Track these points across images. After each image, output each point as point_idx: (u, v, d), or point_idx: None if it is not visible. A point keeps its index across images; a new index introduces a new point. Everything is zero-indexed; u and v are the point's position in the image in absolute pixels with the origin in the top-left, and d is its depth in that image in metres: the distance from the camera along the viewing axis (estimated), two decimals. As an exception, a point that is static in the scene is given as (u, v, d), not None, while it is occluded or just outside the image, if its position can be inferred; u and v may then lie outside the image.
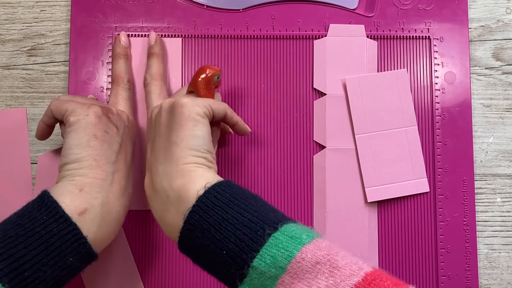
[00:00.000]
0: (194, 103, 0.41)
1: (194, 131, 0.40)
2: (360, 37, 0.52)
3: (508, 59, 0.53)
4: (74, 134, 0.42)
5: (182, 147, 0.39)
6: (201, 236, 0.35)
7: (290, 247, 0.33)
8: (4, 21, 0.54)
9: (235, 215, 0.35)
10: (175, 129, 0.40)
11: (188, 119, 0.40)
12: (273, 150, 0.51)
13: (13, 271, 0.35)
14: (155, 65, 0.49)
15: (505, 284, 0.51)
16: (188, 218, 0.36)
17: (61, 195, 0.39)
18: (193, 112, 0.40)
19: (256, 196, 0.38)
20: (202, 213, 0.36)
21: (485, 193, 0.52)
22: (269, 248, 0.33)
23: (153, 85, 0.47)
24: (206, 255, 0.36)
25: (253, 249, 0.33)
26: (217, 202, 0.36)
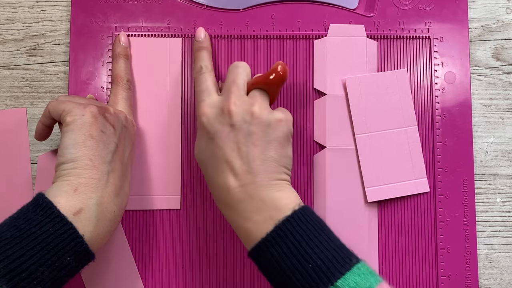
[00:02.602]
0: (289, 122, 0.43)
1: (288, 151, 0.43)
2: (360, 37, 0.52)
3: (508, 59, 0.53)
4: (71, 134, 0.42)
5: (280, 164, 0.42)
6: (290, 244, 0.38)
7: (371, 280, 0.37)
8: (4, 21, 0.54)
9: (325, 238, 0.39)
10: (273, 146, 0.42)
11: (285, 139, 0.43)
12: (273, 150, 0.51)
13: (11, 272, 0.35)
14: (208, 58, 0.48)
15: (505, 284, 0.51)
16: (282, 224, 0.39)
17: (56, 195, 0.39)
18: (289, 132, 0.43)
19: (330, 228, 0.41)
20: (296, 225, 0.39)
21: (485, 193, 0.52)
22: (353, 275, 0.37)
23: (209, 75, 0.46)
24: (287, 263, 0.38)
25: (339, 271, 0.37)
26: (310, 220, 0.39)
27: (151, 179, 0.51)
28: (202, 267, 0.50)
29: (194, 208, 0.51)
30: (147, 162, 0.51)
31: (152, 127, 0.51)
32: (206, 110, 0.43)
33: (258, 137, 0.42)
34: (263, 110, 0.42)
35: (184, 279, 0.50)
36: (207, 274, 0.50)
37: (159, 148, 0.51)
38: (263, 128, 0.42)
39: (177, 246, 0.50)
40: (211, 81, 0.46)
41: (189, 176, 0.51)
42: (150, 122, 0.51)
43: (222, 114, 0.42)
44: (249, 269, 0.50)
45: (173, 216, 0.50)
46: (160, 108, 0.51)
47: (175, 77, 0.52)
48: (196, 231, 0.50)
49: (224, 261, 0.50)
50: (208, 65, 0.47)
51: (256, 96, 0.43)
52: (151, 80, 0.52)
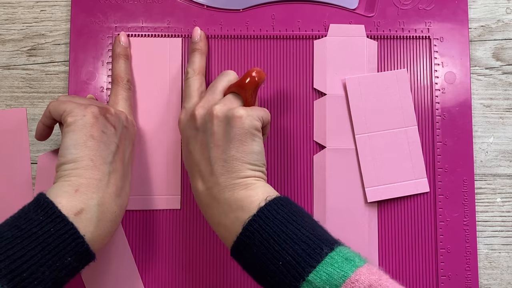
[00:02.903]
0: (251, 116, 0.42)
1: (253, 147, 0.41)
2: (360, 37, 0.52)
3: (508, 59, 0.53)
4: (72, 134, 0.42)
5: (243, 162, 0.41)
6: (259, 244, 0.37)
7: (345, 268, 0.35)
8: (4, 21, 0.54)
9: (293, 230, 0.37)
10: (234, 143, 0.41)
11: (247, 134, 0.41)
12: (273, 150, 0.51)
13: (12, 272, 0.35)
14: (198, 60, 0.49)
15: (505, 284, 0.51)
16: (248, 225, 0.38)
17: (58, 196, 0.39)
18: (252, 127, 0.41)
19: (310, 215, 0.40)
20: (262, 223, 0.38)
21: (485, 193, 0.52)
22: (325, 266, 0.35)
23: (195, 79, 0.47)
24: (260, 263, 0.37)
25: (310, 264, 0.36)
26: (277, 215, 0.38)
27: (151, 179, 0.51)
28: (202, 267, 0.50)
29: (194, 208, 0.51)
30: (147, 162, 0.51)
31: (152, 127, 0.51)
32: (181, 117, 0.45)
33: (219, 137, 0.41)
34: (223, 108, 0.42)
35: (184, 279, 0.50)
36: (207, 274, 0.50)
37: (159, 148, 0.51)
38: (223, 127, 0.41)
39: (177, 246, 0.50)
40: (195, 86, 0.46)
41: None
42: (150, 122, 0.51)
43: (190, 119, 0.43)
44: (249, 269, 0.50)
45: (173, 216, 0.50)
46: (160, 108, 0.51)
47: (175, 77, 0.52)
48: (196, 231, 0.50)
49: (224, 261, 0.50)
50: (196, 69, 0.48)
51: (226, 98, 0.43)
52: (151, 80, 0.52)
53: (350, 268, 0.35)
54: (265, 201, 0.39)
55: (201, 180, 0.42)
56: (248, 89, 0.43)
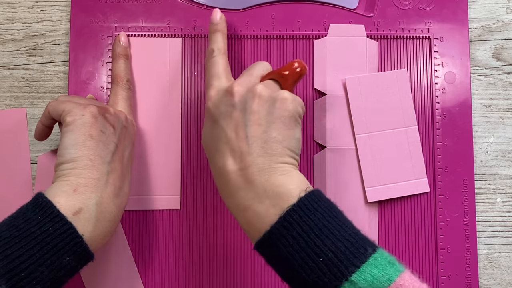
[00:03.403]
0: (297, 102, 0.40)
1: (295, 133, 0.40)
2: (360, 37, 0.52)
3: (508, 59, 0.53)
4: (70, 134, 0.42)
5: (284, 146, 0.39)
6: (297, 237, 0.35)
7: (390, 271, 0.33)
8: (4, 21, 0.54)
9: (336, 226, 0.35)
10: (277, 125, 0.39)
11: (292, 118, 0.39)
12: (273, 150, 0.51)
13: (10, 271, 0.35)
14: (221, 40, 0.46)
15: (505, 284, 0.51)
16: (287, 215, 0.35)
17: (56, 195, 0.39)
18: (296, 112, 0.40)
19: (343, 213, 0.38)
20: (303, 215, 0.35)
21: (485, 193, 0.52)
22: (369, 267, 0.34)
23: (221, 58, 0.44)
24: (295, 258, 0.35)
25: (354, 264, 0.34)
26: (318, 208, 0.36)
27: (151, 179, 0.51)
28: (202, 267, 0.50)
29: (194, 208, 0.51)
30: (147, 162, 0.51)
31: (152, 127, 0.51)
32: (212, 94, 0.42)
33: (261, 116, 0.39)
34: (266, 89, 0.40)
35: (184, 279, 0.50)
36: (207, 274, 0.50)
37: (159, 148, 0.51)
38: (266, 107, 0.39)
39: (177, 246, 0.50)
40: (222, 64, 0.44)
41: (189, 176, 0.51)
42: (150, 122, 0.51)
43: (226, 96, 0.41)
44: (249, 269, 0.50)
45: (173, 216, 0.50)
46: (160, 108, 0.51)
47: (175, 77, 0.52)
48: (196, 231, 0.50)
49: (224, 261, 0.50)
50: (221, 48, 0.45)
51: (267, 82, 0.42)
52: (151, 80, 0.52)
53: (394, 272, 0.34)
54: (305, 192, 0.37)
55: (233, 159, 0.39)
56: (290, 79, 0.42)
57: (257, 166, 0.38)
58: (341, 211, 0.37)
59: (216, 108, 0.41)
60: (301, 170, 0.51)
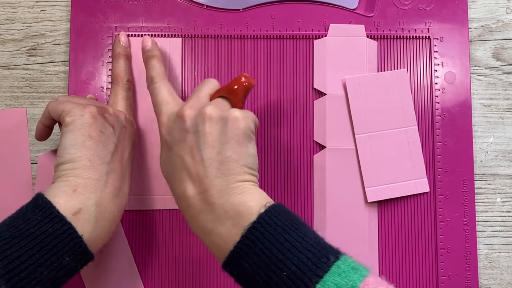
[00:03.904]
0: (248, 119, 0.40)
1: (249, 149, 0.40)
2: (360, 37, 0.52)
3: (508, 59, 0.53)
4: (70, 134, 0.42)
5: (240, 164, 0.39)
6: (260, 253, 0.35)
7: (353, 278, 0.34)
8: (4, 21, 0.54)
9: (297, 238, 0.35)
10: (231, 144, 0.39)
11: (245, 136, 0.40)
12: (273, 150, 0.51)
13: (9, 272, 0.35)
14: (158, 66, 0.46)
15: (505, 284, 0.51)
16: (248, 232, 0.36)
17: (55, 196, 0.39)
18: (248, 128, 0.40)
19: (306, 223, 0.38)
20: (264, 231, 0.35)
21: (485, 193, 0.52)
22: (332, 275, 0.34)
23: (163, 84, 0.44)
24: (261, 274, 0.35)
25: (317, 274, 0.34)
26: (278, 222, 0.36)
27: (151, 179, 0.51)
28: (202, 267, 0.50)
29: (194, 208, 0.51)
30: (147, 162, 0.51)
31: (152, 127, 0.51)
32: (164, 121, 0.42)
33: (214, 138, 0.39)
34: (216, 109, 0.40)
35: (184, 279, 0.50)
36: (207, 274, 0.50)
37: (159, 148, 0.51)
38: (218, 128, 0.39)
39: (177, 246, 0.50)
40: (166, 89, 0.44)
41: (189, 176, 0.51)
42: (150, 122, 0.51)
43: (177, 120, 0.41)
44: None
45: (173, 216, 0.50)
46: (160, 108, 0.51)
47: (175, 77, 0.52)
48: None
49: (224, 261, 0.50)
50: (160, 73, 0.45)
51: (216, 101, 0.41)
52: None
53: (357, 278, 0.34)
54: (265, 207, 0.37)
55: (192, 184, 0.39)
56: (239, 94, 0.42)
57: (216, 188, 0.38)
58: (303, 223, 0.37)
59: (169, 134, 0.41)
60: (301, 170, 0.51)
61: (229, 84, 0.42)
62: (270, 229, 0.36)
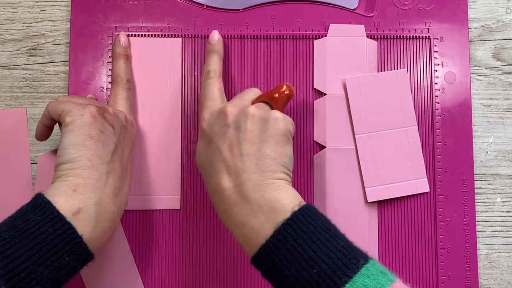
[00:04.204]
0: (287, 121, 0.42)
1: (287, 150, 0.41)
2: (360, 37, 0.52)
3: (508, 59, 0.53)
4: (70, 134, 0.42)
5: (277, 162, 0.40)
6: (292, 250, 0.36)
7: (382, 281, 0.34)
8: (4, 21, 0.54)
9: (329, 238, 0.36)
10: (270, 143, 0.40)
11: (284, 136, 0.41)
12: (273, 150, 0.51)
13: (9, 272, 0.35)
14: (218, 62, 0.48)
15: (505, 284, 0.51)
16: (282, 228, 0.37)
17: (55, 196, 0.39)
18: (287, 130, 0.42)
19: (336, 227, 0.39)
20: (297, 228, 0.36)
21: (485, 193, 0.52)
22: (361, 277, 0.34)
23: (216, 81, 0.46)
24: (290, 270, 0.36)
25: (347, 275, 0.34)
26: (311, 221, 0.37)
27: (151, 179, 0.51)
28: (202, 267, 0.50)
29: (194, 208, 0.51)
30: (147, 162, 0.51)
31: (152, 127, 0.51)
32: (206, 116, 0.44)
33: (254, 135, 0.41)
34: (258, 110, 0.42)
35: (184, 279, 0.50)
36: (207, 274, 0.50)
37: (159, 148, 0.51)
38: (258, 126, 0.41)
39: (177, 246, 0.50)
40: (217, 87, 0.46)
41: (189, 176, 0.51)
42: (150, 122, 0.51)
43: (219, 116, 0.42)
44: (249, 270, 0.50)
45: (173, 216, 0.50)
46: (160, 108, 0.51)
47: (175, 77, 0.52)
48: (196, 231, 0.50)
49: (224, 261, 0.50)
50: (218, 71, 0.47)
51: (258, 104, 0.43)
52: (151, 80, 0.52)
53: (386, 282, 0.34)
54: (298, 206, 0.38)
55: (229, 176, 0.40)
56: (279, 101, 0.43)
57: (252, 182, 0.39)
58: (333, 225, 0.38)
59: (210, 128, 0.43)
60: (301, 170, 0.51)
61: (271, 91, 0.44)
62: (303, 227, 0.36)
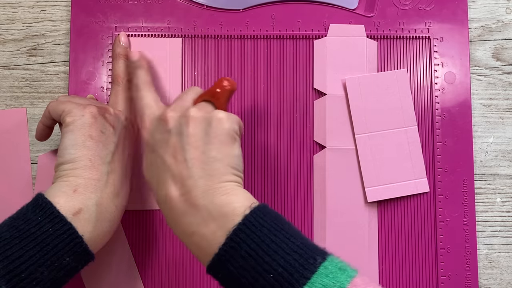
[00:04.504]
0: (231, 119, 0.40)
1: (234, 150, 0.39)
2: (360, 37, 0.52)
3: (508, 59, 0.54)
4: (70, 135, 0.42)
5: (225, 164, 0.38)
6: (246, 256, 0.34)
7: (341, 278, 0.33)
8: (4, 21, 0.54)
9: (283, 239, 0.35)
10: (215, 145, 0.38)
11: (228, 136, 0.39)
12: (273, 150, 0.51)
13: (10, 272, 0.35)
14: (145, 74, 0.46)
15: (505, 284, 0.51)
16: (233, 234, 0.35)
17: (56, 196, 0.39)
18: (232, 129, 0.40)
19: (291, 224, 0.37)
20: (249, 232, 0.35)
21: (485, 193, 0.52)
22: (320, 276, 0.33)
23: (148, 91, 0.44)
24: (246, 277, 0.34)
25: (304, 276, 0.33)
26: (264, 223, 0.35)
27: (151, 179, 0.51)
28: (202, 267, 0.50)
29: (194, 208, 0.51)
30: (147, 162, 0.51)
31: (152, 127, 0.51)
32: (146, 124, 0.42)
33: (197, 138, 0.39)
34: (200, 111, 0.40)
35: (184, 279, 0.50)
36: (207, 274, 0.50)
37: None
38: (201, 128, 0.39)
39: (177, 246, 0.50)
40: (150, 96, 0.44)
41: (189, 176, 0.51)
42: (150, 122, 0.51)
43: (160, 123, 0.41)
44: (249, 269, 0.50)
45: (173, 216, 0.50)
46: (160, 108, 0.51)
47: (175, 77, 0.52)
48: (196, 231, 0.50)
49: (224, 261, 0.50)
50: (146, 81, 0.45)
51: (200, 104, 0.41)
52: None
53: (345, 279, 0.33)
54: (250, 208, 0.36)
55: (175, 185, 0.38)
56: (221, 98, 0.42)
57: (200, 188, 0.37)
58: (288, 223, 0.37)
59: (152, 137, 0.41)
60: (301, 170, 0.51)
61: (211, 88, 0.42)
62: (256, 231, 0.35)
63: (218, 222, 0.36)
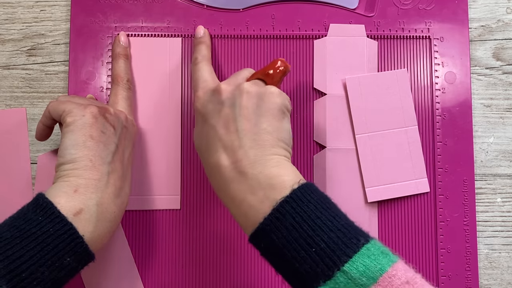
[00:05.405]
0: (283, 95, 0.41)
1: (283, 124, 0.41)
2: (360, 37, 0.52)
3: (508, 59, 0.53)
4: (71, 135, 0.42)
5: (275, 137, 0.39)
6: (290, 228, 0.35)
7: (382, 261, 0.33)
8: (4, 21, 0.54)
9: (328, 217, 0.35)
10: (266, 117, 0.40)
11: (280, 110, 0.40)
12: (273, 150, 0.51)
13: (11, 272, 0.35)
14: (205, 50, 0.48)
15: (505, 284, 0.51)
16: (280, 206, 0.36)
17: (56, 196, 0.39)
18: (283, 105, 0.41)
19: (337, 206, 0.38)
20: (296, 206, 0.35)
21: (485, 193, 0.52)
22: (361, 257, 0.33)
23: (205, 64, 0.46)
24: (288, 248, 0.35)
25: (346, 254, 0.34)
26: (311, 200, 0.36)
27: (151, 179, 0.51)
28: (202, 267, 0.50)
29: (194, 208, 0.51)
30: (147, 162, 0.51)
31: (152, 127, 0.51)
32: (200, 95, 0.43)
33: (249, 111, 0.40)
34: (253, 86, 0.41)
35: (184, 279, 0.50)
36: (207, 274, 0.50)
37: (159, 148, 0.51)
38: (254, 101, 0.40)
39: (177, 246, 0.50)
40: (206, 70, 0.45)
41: (189, 176, 0.51)
42: (150, 122, 0.51)
43: (213, 94, 0.42)
44: (249, 268, 0.50)
45: (173, 216, 0.50)
46: (160, 108, 0.51)
47: (175, 77, 0.52)
48: (196, 231, 0.50)
49: (224, 261, 0.50)
50: (205, 55, 0.47)
51: (253, 81, 0.43)
52: (151, 80, 0.52)
53: (387, 262, 0.33)
54: (298, 184, 0.37)
55: (226, 154, 0.39)
56: (274, 78, 0.43)
57: (250, 158, 0.38)
58: (334, 203, 0.37)
59: (204, 107, 0.42)
60: (301, 170, 0.51)
61: (265, 67, 0.43)
62: (303, 205, 0.36)
63: (266, 192, 0.37)
